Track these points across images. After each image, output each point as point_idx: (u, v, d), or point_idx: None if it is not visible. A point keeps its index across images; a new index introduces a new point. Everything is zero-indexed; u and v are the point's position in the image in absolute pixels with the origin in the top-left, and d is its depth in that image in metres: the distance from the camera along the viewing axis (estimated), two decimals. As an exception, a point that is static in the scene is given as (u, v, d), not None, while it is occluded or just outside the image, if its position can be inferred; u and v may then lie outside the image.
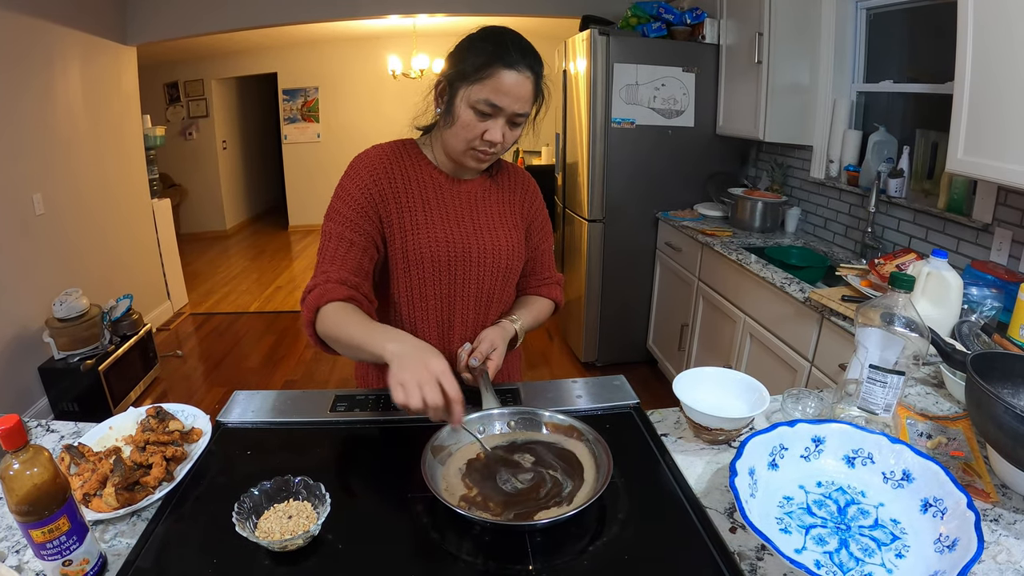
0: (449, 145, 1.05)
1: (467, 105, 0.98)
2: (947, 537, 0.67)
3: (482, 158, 1.04)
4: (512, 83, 0.96)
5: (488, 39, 0.98)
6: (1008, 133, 1.38)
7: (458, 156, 1.05)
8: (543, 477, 0.82)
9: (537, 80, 1.00)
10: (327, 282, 1.01)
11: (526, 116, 1.02)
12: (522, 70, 0.96)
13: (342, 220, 1.04)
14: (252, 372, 3.56)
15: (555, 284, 1.27)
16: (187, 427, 0.94)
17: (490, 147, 1.01)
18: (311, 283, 1.03)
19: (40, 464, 0.61)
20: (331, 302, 0.99)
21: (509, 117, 0.99)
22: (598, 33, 2.84)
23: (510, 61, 0.95)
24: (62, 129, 3.17)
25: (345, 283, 1.01)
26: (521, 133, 1.05)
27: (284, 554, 0.70)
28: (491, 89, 0.96)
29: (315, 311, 0.99)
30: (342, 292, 1.00)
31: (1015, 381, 0.89)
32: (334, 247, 1.04)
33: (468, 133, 1.00)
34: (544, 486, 0.81)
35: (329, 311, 0.98)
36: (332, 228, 1.05)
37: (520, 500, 0.78)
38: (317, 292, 1.00)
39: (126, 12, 3.67)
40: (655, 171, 3.10)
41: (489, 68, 0.95)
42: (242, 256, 6.30)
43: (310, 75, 6.85)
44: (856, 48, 2.43)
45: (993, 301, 1.51)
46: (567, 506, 0.76)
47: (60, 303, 2.80)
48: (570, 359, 3.59)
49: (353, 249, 1.04)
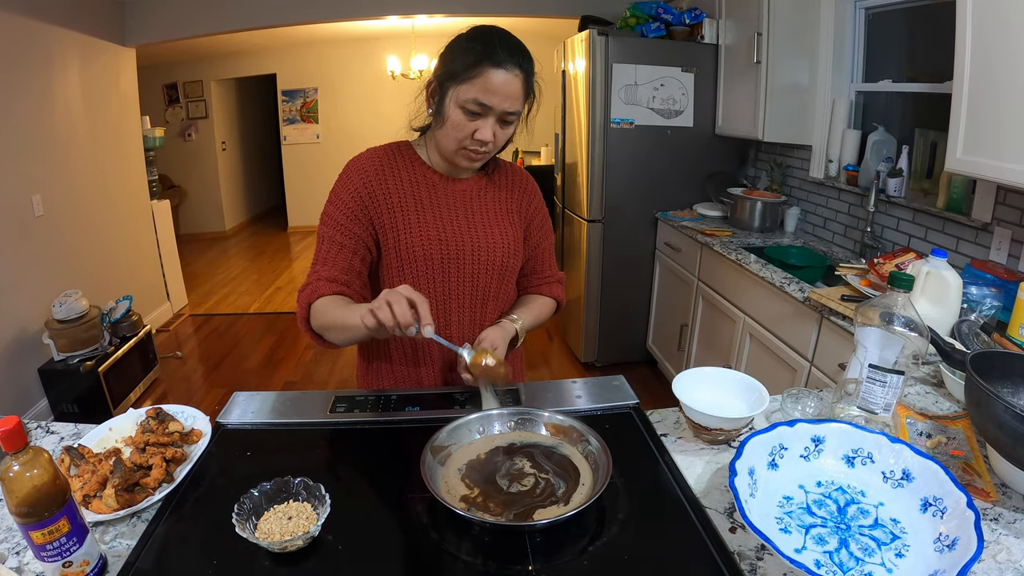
0: (441, 145, 1.06)
1: (456, 105, 0.98)
2: (947, 536, 0.67)
3: (474, 157, 1.05)
4: (501, 82, 0.96)
5: (476, 39, 0.98)
6: (1007, 132, 1.38)
7: (450, 155, 1.06)
8: (543, 478, 0.82)
9: (527, 78, 1.00)
10: (317, 280, 1.05)
11: (517, 114, 1.02)
12: (511, 68, 0.96)
13: (333, 224, 1.08)
14: (252, 373, 3.56)
15: (556, 283, 1.28)
16: (187, 428, 0.94)
17: (481, 146, 1.02)
18: (303, 283, 1.07)
19: (40, 466, 0.61)
20: (321, 297, 1.02)
21: (499, 116, 0.99)
22: (597, 33, 2.84)
23: (498, 60, 0.95)
24: (61, 130, 3.17)
25: (335, 280, 1.05)
26: (514, 132, 1.06)
27: (284, 555, 0.70)
28: (480, 88, 0.96)
29: (307, 307, 1.03)
30: (331, 288, 1.04)
31: (1015, 380, 0.89)
32: (325, 250, 1.08)
33: (459, 133, 1.00)
34: (544, 487, 0.81)
35: (319, 304, 1.02)
36: (324, 232, 1.09)
37: (520, 501, 0.78)
38: (308, 290, 1.04)
39: (124, 13, 3.67)
40: (654, 171, 3.11)
41: (477, 67, 0.95)
42: (242, 257, 6.30)
43: (309, 76, 6.85)
44: (855, 48, 2.43)
45: (992, 300, 1.51)
46: (567, 506, 0.76)
47: (60, 304, 2.80)
48: (570, 359, 3.59)
49: (343, 251, 1.07)
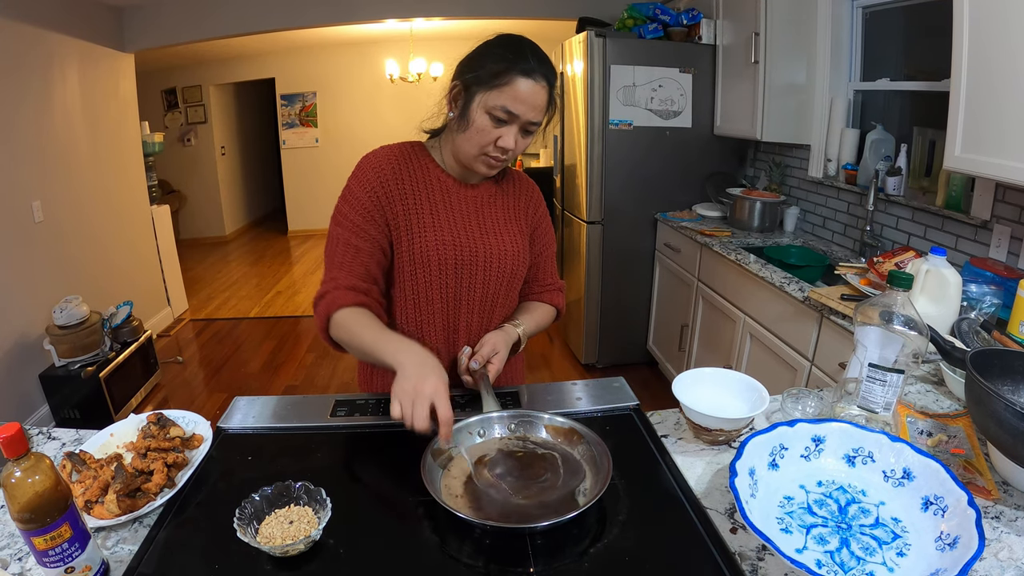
0: (461, 149, 1.05)
1: (484, 111, 0.98)
2: (948, 535, 0.67)
3: (493, 164, 1.05)
4: (529, 91, 0.97)
5: (507, 46, 0.99)
6: (1005, 129, 1.38)
7: (469, 161, 1.05)
8: (544, 480, 0.82)
9: (551, 90, 1.01)
10: (336, 288, 1.03)
11: (539, 125, 1.03)
12: (538, 79, 0.97)
13: (349, 225, 1.05)
14: (252, 378, 3.56)
15: (557, 291, 1.28)
16: (188, 433, 0.94)
17: (502, 153, 1.02)
18: (321, 290, 1.05)
19: (42, 471, 0.61)
20: (341, 308, 1.01)
21: (523, 125, 1.00)
22: (594, 35, 2.85)
23: (527, 69, 0.96)
24: (60, 136, 3.17)
25: (355, 289, 1.03)
26: (531, 141, 1.06)
27: (286, 559, 0.70)
28: (509, 96, 0.96)
29: (326, 319, 1.02)
30: (352, 298, 1.02)
31: (1015, 378, 0.89)
32: (341, 252, 1.05)
33: (482, 138, 1.00)
34: (545, 489, 0.80)
35: (341, 318, 1.01)
36: (339, 233, 1.06)
37: (521, 502, 0.78)
38: (328, 299, 1.02)
39: (123, 19, 3.68)
40: (653, 172, 3.11)
41: (507, 75, 0.96)
42: (242, 261, 6.30)
43: (308, 80, 6.86)
44: (852, 46, 2.43)
45: (992, 298, 1.51)
46: (567, 508, 0.76)
47: (60, 310, 2.81)
48: (570, 361, 3.59)
49: (360, 255, 1.05)
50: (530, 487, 0.81)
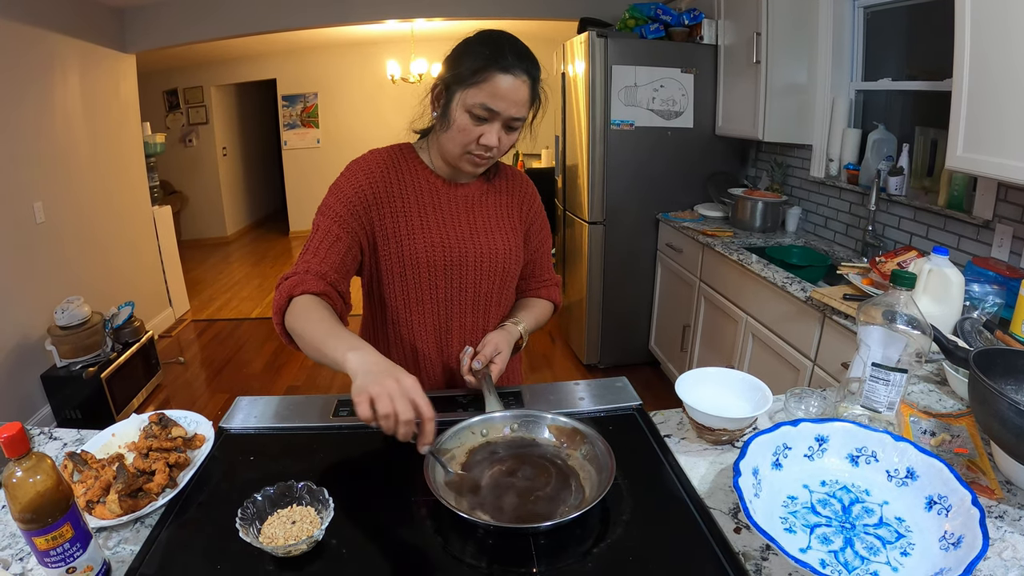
0: (445, 149, 1.05)
1: (463, 109, 0.98)
2: (952, 534, 0.67)
3: (478, 162, 1.04)
4: (508, 87, 0.96)
5: (485, 43, 0.98)
6: (1007, 129, 1.38)
7: (454, 160, 1.05)
8: (547, 480, 0.82)
9: (534, 84, 1.00)
10: (306, 272, 1.00)
11: (522, 120, 1.01)
12: (518, 74, 0.96)
13: (332, 215, 1.05)
14: (254, 378, 3.56)
15: (554, 285, 1.28)
16: (190, 433, 0.94)
17: (486, 151, 1.01)
18: (289, 271, 1.02)
19: (43, 471, 0.61)
20: (305, 293, 0.97)
21: (505, 121, 0.99)
22: (596, 35, 2.85)
23: (506, 65, 0.95)
24: (61, 137, 3.18)
25: (323, 277, 1.00)
26: (518, 137, 1.05)
27: (288, 559, 0.70)
28: (487, 93, 0.95)
29: (288, 299, 0.97)
30: (318, 285, 0.99)
31: (1018, 377, 0.89)
32: (319, 240, 1.04)
33: (464, 137, 1.00)
34: (548, 489, 0.80)
35: (300, 302, 0.96)
36: (321, 222, 1.05)
37: (524, 503, 0.78)
38: (293, 280, 0.99)
39: (124, 20, 3.69)
40: (655, 172, 3.11)
41: (485, 72, 0.95)
42: (243, 262, 6.30)
43: (309, 81, 6.86)
44: (854, 46, 2.43)
45: (995, 297, 1.51)
46: (571, 508, 0.76)
47: (62, 311, 2.81)
48: (572, 361, 3.58)
49: (338, 245, 1.04)
50: (533, 488, 0.81)
